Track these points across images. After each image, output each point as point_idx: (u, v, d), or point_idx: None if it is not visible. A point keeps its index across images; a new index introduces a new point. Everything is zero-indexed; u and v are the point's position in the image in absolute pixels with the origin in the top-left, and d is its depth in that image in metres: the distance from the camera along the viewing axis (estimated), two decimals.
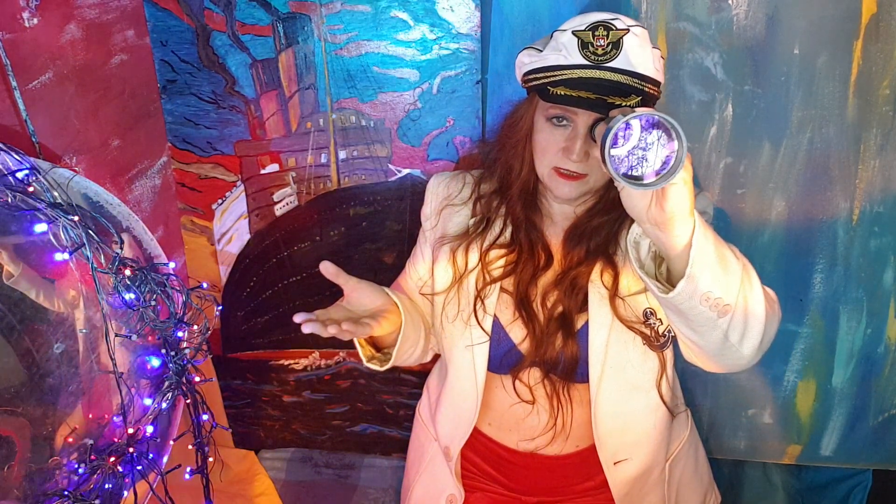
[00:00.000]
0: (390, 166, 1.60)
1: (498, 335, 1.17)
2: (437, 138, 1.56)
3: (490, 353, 1.18)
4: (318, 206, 1.66)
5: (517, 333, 1.17)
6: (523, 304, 1.15)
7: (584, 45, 1.04)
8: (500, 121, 1.24)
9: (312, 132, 1.59)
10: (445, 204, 1.24)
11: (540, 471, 1.24)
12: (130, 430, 1.10)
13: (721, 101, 1.41)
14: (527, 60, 1.11)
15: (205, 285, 1.28)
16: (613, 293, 1.12)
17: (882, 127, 1.38)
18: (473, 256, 1.19)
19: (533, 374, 1.17)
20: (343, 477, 1.89)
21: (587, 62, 1.04)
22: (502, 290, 1.18)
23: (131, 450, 1.10)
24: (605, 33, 1.03)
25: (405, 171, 1.60)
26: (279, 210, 1.68)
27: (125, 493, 1.10)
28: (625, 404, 1.17)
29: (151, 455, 1.14)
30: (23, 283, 1.03)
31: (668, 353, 1.16)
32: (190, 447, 1.25)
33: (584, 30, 1.04)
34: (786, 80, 1.38)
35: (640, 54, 1.04)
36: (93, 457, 1.06)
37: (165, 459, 1.19)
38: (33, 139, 1.20)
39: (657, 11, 1.37)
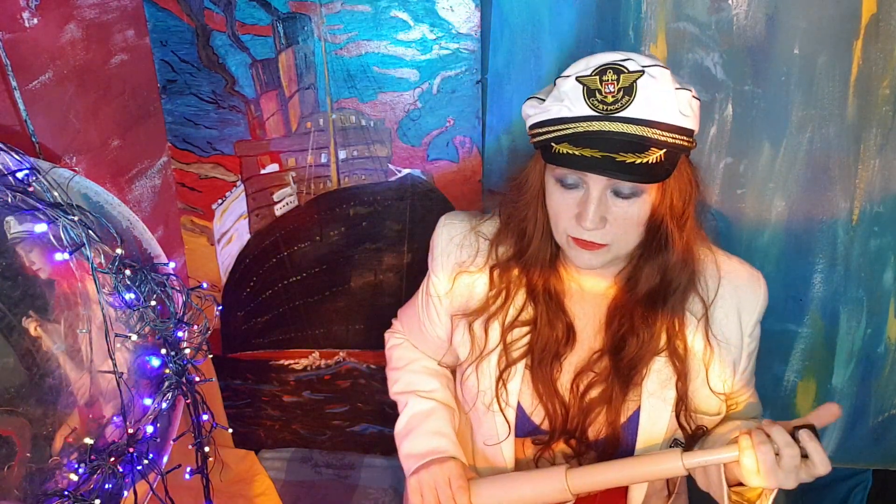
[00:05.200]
0: (390, 166, 1.60)
1: (522, 419, 1.09)
2: (437, 138, 1.56)
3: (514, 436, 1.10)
4: (318, 206, 1.66)
5: (538, 417, 1.08)
6: (543, 385, 1.05)
7: (590, 93, 0.88)
8: (507, 175, 1.10)
9: (312, 132, 1.59)
10: (459, 271, 1.10)
11: None
12: (130, 430, 1.10)
13: (721, 101, 1.41)
14: (530, 112, 0.96)
15: (205, 285, 1.28)
16: (682, 401, 1.03)
17: (882, 127, 1.38)
18: (494, 334, 1.07)
19: (559, 447, 1.11)
20: (343, 477, 1.89)
21: (595, 112, 0.88)
22: (527, 368, 1.07)
23: (131, 450, 1.10)
24: (614, 77, 0.87)
25: (405, 171, 1.60)
26: (279, 210, 1.68)
27: (125, 493, 1.10)
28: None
29: (151, 455, 1.14)
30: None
31: None
32: (190, 447, 1.25)
33: (591, 75, 0.88)
34: (786, 80, 1.38)
35: (659, 98, 0.87)
36: (93, 457, 1.06)
37: (165, 459, 1.19)
38: (33, 139, 1.20)
39: (657, 11, 1.37)
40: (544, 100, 0.94)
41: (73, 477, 1.03)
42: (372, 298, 1.73)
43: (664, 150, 0.88)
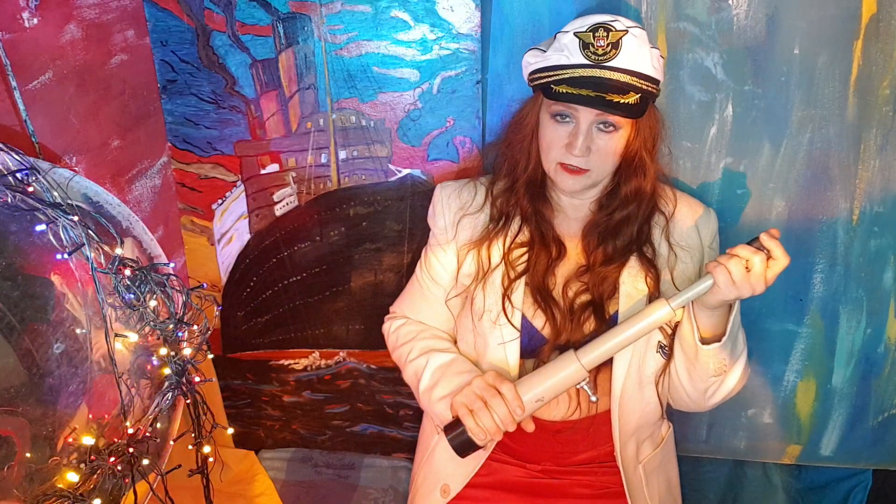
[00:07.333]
0: (390, 166, 1.60)
1: (526, 328, 1.23)
2: (438, 138, 1.56)
3: (521, 346, 1.23)
4: (318, 206, 1.66)
5: (539, 321, 1.22)
6: (540, 293, 1.21)
7: (585, 46, 1.10)
8: (506, 119, 1.30)
9: (312, 132, 1.59)
10: (462, 215, 1.29)
11: (545, 435, 1.27)
12: (130, 430, 1.10)
13: (721, 101, 1.41)
14: (532, 60, 1.17)
15: (205, 285, 1.28)
16: (655, 296, 1.20)
17: (882, 127, 1.38)
18: (496, 254, 1.25)
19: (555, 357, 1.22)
20: (343, 477, 1.89)
21: (588, 62, 1.10)
22: (526, 284, 1.23)
23: (131, 450, 1.10)
24: (605, 34, 1.09)
25: (405, 171, 1.60)
26: (279, 210, 1.68)
27: (125, 493, 1.10)
28: (639, 394, 1.24)
29: (151, 455, 1.14)
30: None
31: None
32: (190, 447, 1.25)
33: (585, 31, 1.10)
34: (786, 80, 1.38)
35: (638, 53, 1.10)
36: (93, 457, 1.06)
37: (165, 459, 1.19)
38: (33, 139, 1.20)
39: (657, 11, 1.37)
40: (545, 50, 1.15)
41: (73, 477, 1.03)
42: (372, 298, 1.73)
43: (639, 95, 1.10)
